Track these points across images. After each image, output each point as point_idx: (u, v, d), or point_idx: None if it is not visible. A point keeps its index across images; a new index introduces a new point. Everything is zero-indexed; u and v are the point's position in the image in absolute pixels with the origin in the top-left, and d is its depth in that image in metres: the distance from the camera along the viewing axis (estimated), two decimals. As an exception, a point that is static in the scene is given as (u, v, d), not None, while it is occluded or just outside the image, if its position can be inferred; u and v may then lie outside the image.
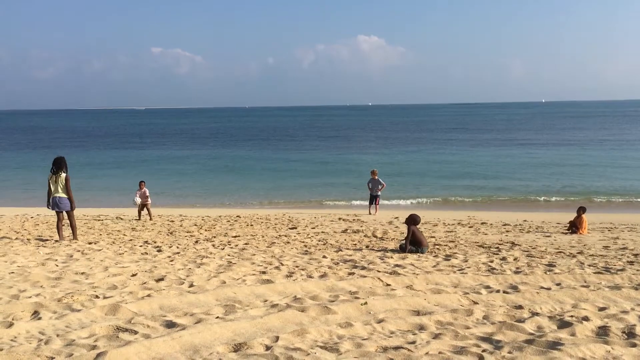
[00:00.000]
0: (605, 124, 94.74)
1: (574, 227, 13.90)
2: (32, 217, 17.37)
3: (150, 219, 16.68)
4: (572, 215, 14.49)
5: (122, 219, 17.05)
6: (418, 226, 10.88)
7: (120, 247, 11.10)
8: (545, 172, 34.00)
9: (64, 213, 11.95)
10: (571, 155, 43.86)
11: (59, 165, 11.81)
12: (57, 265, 8.92)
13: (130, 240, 12.22)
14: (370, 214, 18.97)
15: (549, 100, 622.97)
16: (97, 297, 6.81)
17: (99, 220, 16.52)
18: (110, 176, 35.25)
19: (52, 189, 11.81)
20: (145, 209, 17.04)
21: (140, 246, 11.23)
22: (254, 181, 32.60)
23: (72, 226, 12.05)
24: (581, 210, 14.16)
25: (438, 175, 33.91)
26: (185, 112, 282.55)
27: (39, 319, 5.83)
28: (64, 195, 11.80)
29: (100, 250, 10.60)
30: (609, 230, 14.40)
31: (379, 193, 19.49)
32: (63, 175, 11.81)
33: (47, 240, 12.07)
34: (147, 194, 17.08)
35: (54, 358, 4.68)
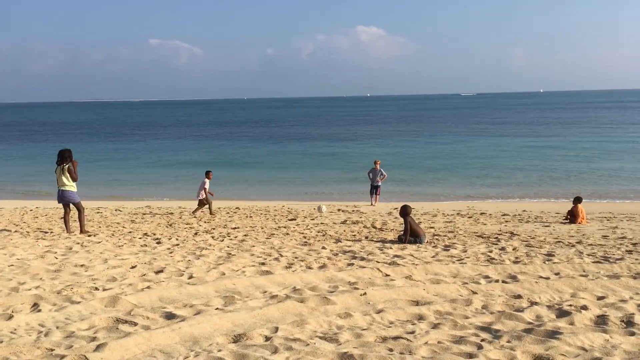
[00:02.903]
0: (604, 115, 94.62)
1: (572, 217, 13.91)
2: (31, 210, 17.37)
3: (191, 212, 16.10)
4: (570, 205, 14.50)
5: (120, 211, 17.06)
6: (412, 216, 10.91)
7: (119, 239, 11.10)
8: (544, 164, 33.97)
9: (71, 206, 11.91)
10: (568, 147, 43.83)
11: (62, 157, 11.74)
12: (56, 258, 8.92)
13: (130, 232, 12.22)
14: (371, 204, 18.95)
15: (547, 90, 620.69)
16: (96, 289, 6.81)
17: (98, 212, 16.52)
18: (108, 168, 35.21)
19: (58, 182, 11.77)
20: (206, 202, 16.00)
21: (140, 238, 11.23)
22: (253, 172, 32.59)
23: (79, 219, 12.00)
24: (577, 200, 14.16)
25: (438, 166, 33.89)
26: (183, 104, 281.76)
27: (39, 311, 5.84)
28: (68, 188, 11.74)
29: (99, 242, 10.60)
30: (608, 220, 14.42)
31: (380, 183, 19.47)
32: (67, 166, 11.72)
33: (46, 232, 12.06)
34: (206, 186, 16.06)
35: (54, 350, 4.69)
